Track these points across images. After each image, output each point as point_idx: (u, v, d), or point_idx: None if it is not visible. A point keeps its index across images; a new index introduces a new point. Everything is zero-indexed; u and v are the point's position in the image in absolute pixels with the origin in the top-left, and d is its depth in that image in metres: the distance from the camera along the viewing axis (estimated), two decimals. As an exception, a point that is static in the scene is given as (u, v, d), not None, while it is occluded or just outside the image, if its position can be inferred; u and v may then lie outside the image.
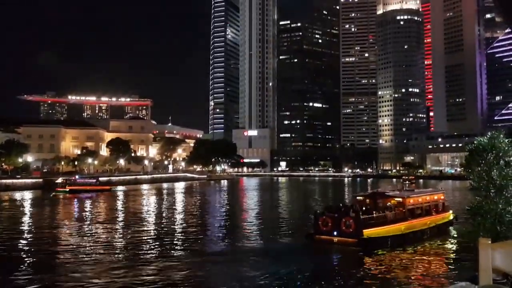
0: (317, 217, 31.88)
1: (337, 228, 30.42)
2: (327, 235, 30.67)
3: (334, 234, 30.43)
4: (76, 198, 79.97)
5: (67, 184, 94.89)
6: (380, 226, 31.04)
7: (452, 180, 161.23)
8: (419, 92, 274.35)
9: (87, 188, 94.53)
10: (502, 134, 19.42)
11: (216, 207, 67.98)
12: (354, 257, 27.78)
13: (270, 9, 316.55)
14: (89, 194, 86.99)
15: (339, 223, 30.48)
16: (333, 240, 30.31)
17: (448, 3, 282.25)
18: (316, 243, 30.83)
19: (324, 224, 31.12)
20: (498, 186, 20.40)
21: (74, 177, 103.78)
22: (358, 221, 30.16)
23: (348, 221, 30.27)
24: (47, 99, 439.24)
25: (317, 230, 31.38)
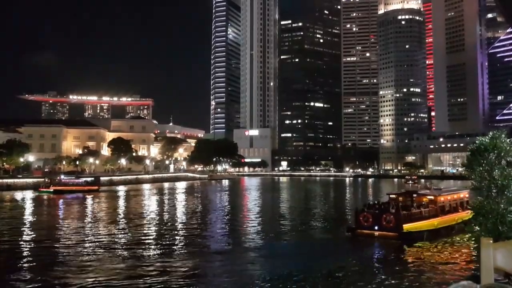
0: (358, 213, 35.24)
1: (378, 223, 33.62)
2: (368, 229, 33.84)
3: (375, 229, 33.58)
4: (60, 199, 76.58)
5: (51, 184, 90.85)
6: (417, 222, 34.05)
7: (454, 180, 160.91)
8: (420, 92, 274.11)
9: (73, 188, 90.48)
10: (503, 134, 19.41)
11: (237, 208, 67.08)
12: (395, 248, 30.69)
13: (271, 9, 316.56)
14: (75, 195, 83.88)
15: (379, 219, 33.73)
16: (374, 234, 33.49)
17: (450, 2, 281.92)
18: (357, 236, 33.98)
19: (365, 219, 34.31)
20: (500, 186, 20.39)
21: (58, 176, 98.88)
22: (398, 217, 33.27)
23: (389, 217, 33.45)
24: (49, 98, 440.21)
25: (359, 225, 34.58)
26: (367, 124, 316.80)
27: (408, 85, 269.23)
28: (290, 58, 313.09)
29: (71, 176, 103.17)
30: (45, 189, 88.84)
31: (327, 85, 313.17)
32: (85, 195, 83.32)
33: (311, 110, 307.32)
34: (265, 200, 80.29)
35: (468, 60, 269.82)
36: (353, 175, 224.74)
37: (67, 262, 26.58)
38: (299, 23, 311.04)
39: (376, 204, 37.96)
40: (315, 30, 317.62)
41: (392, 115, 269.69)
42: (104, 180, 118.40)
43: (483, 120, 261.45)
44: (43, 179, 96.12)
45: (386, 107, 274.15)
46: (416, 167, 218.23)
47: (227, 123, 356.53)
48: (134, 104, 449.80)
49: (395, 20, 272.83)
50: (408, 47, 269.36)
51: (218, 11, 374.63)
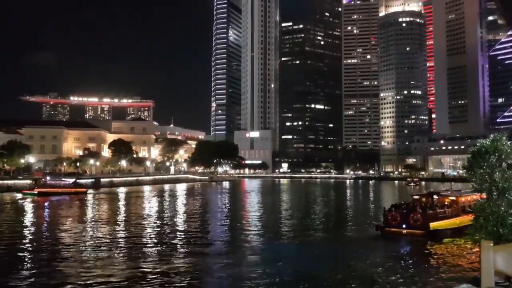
0: (386, 213, 37.69)
1: (405, 222, 35.97)
2: (396, 227, 36.22)
3: (403, 227, 35.90)
4: (45, 201, 72.87)
5: (35, 186, 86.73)
6: (441, 220, 36.41)
7: (454, 182, 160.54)
8: (421, 94, 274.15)
9: (59, 190, 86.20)
10: (504, 136, 19.39)
11: (251, 211, 66.96)
12: (422, 244, 32.95)
13: (272, 11, 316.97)
14: (61, 197, 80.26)
15: (407, 218, 36.13)
16: (402, 232, 35.83)
17: (450, 5, 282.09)
18: (386, 234, 36.36)
19: (393, 218, 36.76)
20: (501, 189, 20.35)
21: (44, 178, 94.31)
22: (425, 216, 35.79)
23: (416, 216, 35.89)
24: (49, 100, 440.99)
25: (387, 224, 37.07)
26: (368, 126, 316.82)
27: (409, 87, 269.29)
28: (290, 60, 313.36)
29: (57, 178, 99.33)
30: (29, 191, 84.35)
31: (327, 87, 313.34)
32: (73, 197, 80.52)
33: (311, 112, 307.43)
34: (277, 202, 79.35)
35: (469, 63, 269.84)
36: (354, 177, 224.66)
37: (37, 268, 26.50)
38: (300, 25, 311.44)
39: (402, 204, 40.65)
40: (316, 32, 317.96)
41: (392, 117, 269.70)
42: (104, 182, 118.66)
43: (484, 122, 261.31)
44: (30, 181, 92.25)
45: (387, 109, 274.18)
46: (416, 169, 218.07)
47: (228, 124, 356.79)
48: (135, 106, 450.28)
49: (395, 22, 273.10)
50: (408, 49, 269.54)
51: (219, 13, 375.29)
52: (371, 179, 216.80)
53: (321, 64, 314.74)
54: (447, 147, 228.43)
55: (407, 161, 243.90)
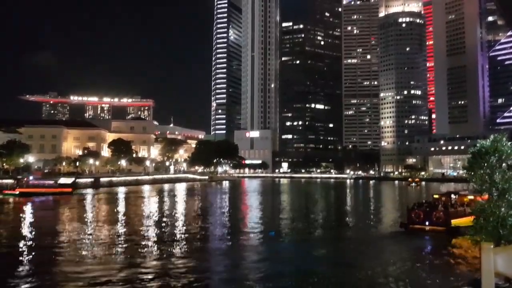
0: (410, 211, 40.15)
1: (428, 219, 38.63)
2: (419, 224, 38.81)
3: (426, 224, 38.56)
4: (28, 202, 69.71)
5: (17, 186, 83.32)
6: (461, 218, 37.77)
7: (454, 182, 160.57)
8: (421, 94, 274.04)
9: (42, 190, 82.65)
10: (504, 137, 19.31)
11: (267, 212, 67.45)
12: (444, 240, 34.95)
13: (273, 11, 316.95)
14: (44, 198, 77.17)
15: (430, 215, 38.77)
16: (425, 229, 38.46)
17: (450, 5, 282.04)
18: (410, 230, 38.66)
19: (416, 216, 39.29)
20: (501, 190, 20.28)
21: (26, 177, 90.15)
22: (447, 213, 38.54)
23: (439, 214, 38.71)
24: (49, 99, 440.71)
25: (411, 221, 39.44)
26: (368, 126, 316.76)
27: (409, 87, 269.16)
28: (291, 60, 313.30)
29: (39, 177, 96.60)
30: (10, 192, 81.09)
31: (327, 87, 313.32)
32: (57, 198, 77.04)
33: (312, 112, 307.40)
34: (291, 203, 79.24)
35: (468, 63, 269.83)
36: (354, 177, 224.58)
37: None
38: (300, 25, 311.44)
39: (424, 203, 43.09)
40: (316, 32, 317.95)
41: (392, 117, 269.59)
42: (104, 181, 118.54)
43: (483, 122, 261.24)
44: (11, 181, 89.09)
45: (387, 109, 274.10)
46: (417, 170, 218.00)
47: (228, 124, 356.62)
48: (135, 105, 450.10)
49: (395, 23, 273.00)
50: (408, 49, 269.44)
51: (220, 13, 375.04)
52: (371, 179, 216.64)
53: (321, 64, 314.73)
54: (447, 148, 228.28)
55: (407, 161, 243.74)
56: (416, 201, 49.07)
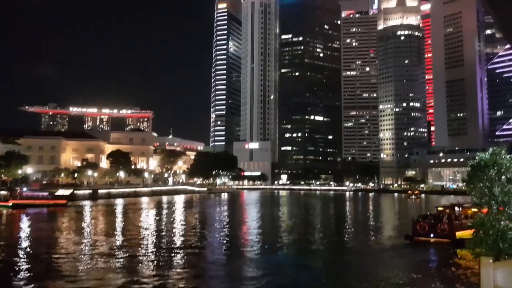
0: (415, 223, 40.76)
1: (433, 231, 39.21)
2: (424, 236, 39.44)
3: (431, 236, 39.14)
4: (21, 214, 68.39)
5: (10, 197, 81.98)
6: (466, 230, 36.77)
7: (454, 195, 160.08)
8: (420, 107, 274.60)
9: (36, 202, 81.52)
10: (503, 150, 19.15)
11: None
12: (449, 252, 35.15)
13: (272, 23, 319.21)
14: (38, 210, 76.00)
15: (435, 227, 39.32)
16: (430, 241, 38.96)
17: (448, 18, 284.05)
18: (415, 242, 39.24)
19: (421, 228, 39.90)
20: (500, 203, 20.06)
21: (19, 189, 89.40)
22: (452, 226, 38.96)
23: (443, 226, 39.14)
24: (49, 110, 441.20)
25: (415, 233, 40.06)
26: (367, 138, 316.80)
27: (408, 100, 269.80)
28: (290, 71, 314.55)
29: (33, 189, 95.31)
30: (3, 204, 79.88)
31: (327, 98, 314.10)
32: (51, 210, 75.97)
33: (311, 124, 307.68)
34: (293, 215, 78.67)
35: (467, 76, 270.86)
36: (353, 189, 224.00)
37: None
38: (299, 37, 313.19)
39: (429, 215, 43.66)
40: (315, 44, 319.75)
41: (392, 130, 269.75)
42: (102, 193, 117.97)
43: (483, 135, 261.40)
44: (5, 192, 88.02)
45: (386, 121, 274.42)
46: (416, 182, 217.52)
47: (227, 135, 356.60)
48: (134, 116, 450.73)
49: (394, 36, 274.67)
50: (407, 62, 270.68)
51: (220, 25, 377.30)
52: (371, 191, 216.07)
53: (320, 76, 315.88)
54: (447, 160, 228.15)
55: (407, 174, 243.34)
56: (419, 213, 49.39)
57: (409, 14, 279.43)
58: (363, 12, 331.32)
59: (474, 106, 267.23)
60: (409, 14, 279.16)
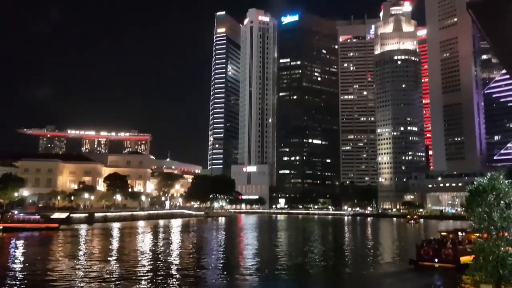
0: (419, 248, 41.16)
1: (437, 256, 39.63)
2: (428, 261, 39.82)
3: (435, 261, 39.53)
4: (12, 238, 66.57)
5: (1, 220, 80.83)
6: (470, 255, 37.80)
7: (453, 220, 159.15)
8: (417, 131, 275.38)
9: (27, 226, 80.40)
10: (502, 175, 18.94)
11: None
12: (454, 277, 35.24)
13: (271, 47, 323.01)
14: (29, 234, 74.32)
15: (439, 252, 39.73)
16: (434, 265, 39.36)
17: (445, 44, 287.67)
18: (419, 267, 39.73)
19: (425, 253, 40.29)
20: (499, 228, 19.72)
21: (10, 212, 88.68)
22: (456, 251, 39.27)
23: (447, 251, 39.49)
24: (47, 133, 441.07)
25: (420, 258, 40.49)
26: (365, 162, 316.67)
27: (405, 124, 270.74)
28: (288, 95, 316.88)
29: (26, 212, 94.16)
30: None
31: (325, 122, 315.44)
32: (43, 234, 74.70)
33: (309, 147, 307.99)
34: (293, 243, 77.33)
35: (464, 100, 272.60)
36: (352, 213, 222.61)
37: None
38: (297, 61, 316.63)
39: (432, 240, 44.13)
40: (313, 68, 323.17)
41: (390, 153, 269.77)
42: (98, 217, 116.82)
43: (480, 159, 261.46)
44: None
45: (384, 145, 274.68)
46: (415, 207, 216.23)
47: (225, 159, 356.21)
48: (132, 139, 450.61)
49: (391, 60, 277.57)
50: (404, 86, 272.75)
51: (218, 49, 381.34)
52: (369, 216, 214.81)
53: (318, 99, 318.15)
54: (445, 184, 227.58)
55: (405, 198, 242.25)
56: (420, 238, 50.45)
57: (406, 39, 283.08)
58: (360, 37, 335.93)
59: (471, 130, 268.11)
60: (405, 39, 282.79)
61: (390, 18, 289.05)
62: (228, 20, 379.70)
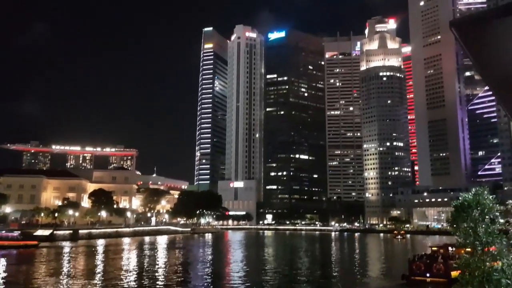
0: (411, 263, 41.96)
1: (429, 271, 40.36)
2: (420, 276, 40.52)
3: (427, 276, 40.25)
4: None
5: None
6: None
7: (439, 235, 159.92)
8: (403, 146, 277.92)
9: (4, 243, 78.42)
10: (486, 190, 19.05)
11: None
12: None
13: (258, 63, 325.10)
14: (6, 251, 71.83)
15: (431, 267, 40.52)
16: (426, 280, 40.06)
17: (429, 61, 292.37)
18: (412, 282, 40.32)
19: (417, 268, 41.06)
20: (485, 243, 19.79)
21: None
22: (447, 265, 39.89)
23: (439, 265, 40.24)
24: (31, 148, 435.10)
25: (412, 272, 41.12)
26: (352, 177, 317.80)
27: (391, 139, 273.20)
28: (275, 110, 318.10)
29: (7, 229, 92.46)
30: None
31: (311, 137, 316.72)
32: (21, 252, 72.91)
33: (296, 162, 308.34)
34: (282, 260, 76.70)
35: (448, 116, 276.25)
36: (339, 229, 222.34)
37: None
38: (284, 77, 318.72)
39: (424, 255, 44.97)
40: (300, 84, 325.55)
41: (376, 169, 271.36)
42: (82, 233, 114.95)
43: (465, 174, 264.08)
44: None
45: (370, 160, 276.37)
46: (401, 222, 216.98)
47: (212, 174, 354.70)
48: (118, 155, 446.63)
49: (376, 76, 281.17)
50: (390, 102, 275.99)
51: (206, 64, 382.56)
52: (356, 231, 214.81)
53: (305, 115, 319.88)
54: (431, 200, 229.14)
55: (392, 213, 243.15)
56: (408, 254, 51.87)
57: (391, 56, 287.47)
58: (346, 54, 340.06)
59: (456, 146, 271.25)
60: (390, 56, 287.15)
61: (375, 35, 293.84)
62: (216, 36, 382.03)
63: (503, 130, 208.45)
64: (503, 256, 19.58)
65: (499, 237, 20.50)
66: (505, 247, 18.81)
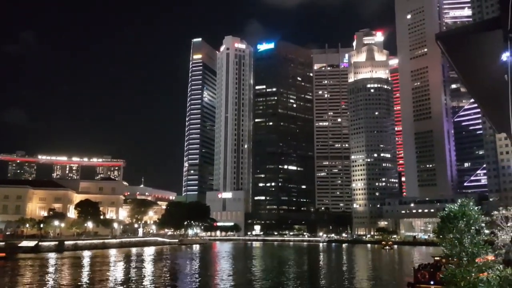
0: (416, 271, 42.71)
1: (433, 279, 40.59)
2: (425, 284, 41.22)
3: (431, 283, 40.72)
4: None
5: None
6: None
7: (426, 246, 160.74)
8: (390, 157, 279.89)
9: None
10: (471, 202, 19.28)
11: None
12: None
13: (247, 74, 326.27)
14: None
15: (434, 275, 40.72)
16: (431, 287, 40.76)
17: (415, 73, 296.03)
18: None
19: (422, 276, 41.84)
20: (470, 254, 19.93)
21: None
22: None
23: (442, 274, 38.20)
24: (16, 158, 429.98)
25: (417, 281, 41.95)
26: (340, 188, 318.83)
27: (379, 151, 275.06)
28: (264, 121, 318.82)
29: None
30: None
31: (300, 148, 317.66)
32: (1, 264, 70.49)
33: (284, 173, 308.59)
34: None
35: (435, 128, 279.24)
36: (327, 240, 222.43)
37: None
38: (273, 88, 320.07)
39: (428, 264, 46.38)
40: (289, 95, 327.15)
41: (364, 180, 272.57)
42: (68, 245, 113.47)
43: (452, 186, 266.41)
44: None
45: (358, 171, 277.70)
46: (388, 233, 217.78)
47: (200, 185, 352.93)
48: (105, 165, 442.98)
49: (364, 88, 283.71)
50: (377, 114, 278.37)
51: (194, 75, 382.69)
52: (344, 242, 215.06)
53: (293, 126, 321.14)
54: (418, 210, 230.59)
55: (379, 224, 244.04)
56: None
57: (378, 68, 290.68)
58: (334, 65, 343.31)
59: (442, 157, 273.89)
60: (378, 68, 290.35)
61: (363, 47, 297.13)
62: (205, 46, 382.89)
63: (489, 142, 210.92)
64: (488, 267, 19.69)
65: (484, 247, 20.68)
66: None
